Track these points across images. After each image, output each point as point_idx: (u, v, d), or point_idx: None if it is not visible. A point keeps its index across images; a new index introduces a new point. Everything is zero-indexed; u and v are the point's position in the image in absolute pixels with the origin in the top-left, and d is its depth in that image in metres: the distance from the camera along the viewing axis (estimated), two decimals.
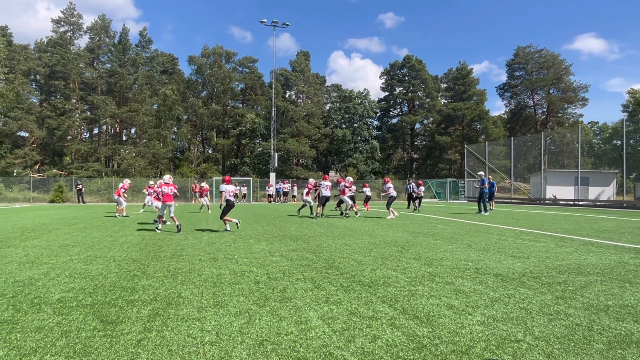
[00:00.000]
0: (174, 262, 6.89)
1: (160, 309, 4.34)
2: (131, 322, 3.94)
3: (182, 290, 5.08)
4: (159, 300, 4.66)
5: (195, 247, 8.66)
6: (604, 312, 4.26)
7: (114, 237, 10.17)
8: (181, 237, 10.20)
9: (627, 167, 27.55)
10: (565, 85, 56.06)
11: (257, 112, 57.45)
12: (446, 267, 6.56)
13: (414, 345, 3.38)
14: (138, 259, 7.18)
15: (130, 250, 8.24)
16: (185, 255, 7.64)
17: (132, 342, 3.45)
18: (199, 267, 6.48)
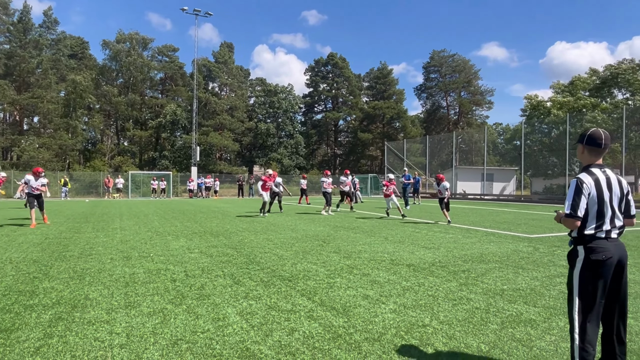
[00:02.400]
0: (82, 262, 6.42)
1: (63, 313, 4.03)
2: (29, 329, 3.62)
3: (90, 292, 4.76)
4: (63, 304, 4.32)
5: (106, 245, 8.13)
6: (500, 295, 4.71)
7: (11, 237, 9.22)
8: (91, 235, 9.51)
9: (524, 165, 30.52)
10: (474, 88, 60.71)
11: (178, 103, 54.95)
12: (364, 259, 6.83)
13: (329, 336, 3.49)
14: (39, 260, 6.59)
15: (30, 250, 7.53)
16: (95, 254, 7.15)
17: (29, 350, 3.17)
18: (109, 267, 6.10)
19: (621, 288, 2.69)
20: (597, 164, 2.71)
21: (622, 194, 2.67)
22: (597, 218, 2.64)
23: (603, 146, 2.67)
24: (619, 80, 33.12)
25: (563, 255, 7.16)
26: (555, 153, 31.99)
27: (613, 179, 2.67)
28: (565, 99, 32.10)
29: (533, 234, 10.21)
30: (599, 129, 2.75)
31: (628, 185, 2.75)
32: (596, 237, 2.64)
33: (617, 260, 2.61)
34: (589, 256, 2.64)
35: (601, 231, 2.64)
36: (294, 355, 3.09)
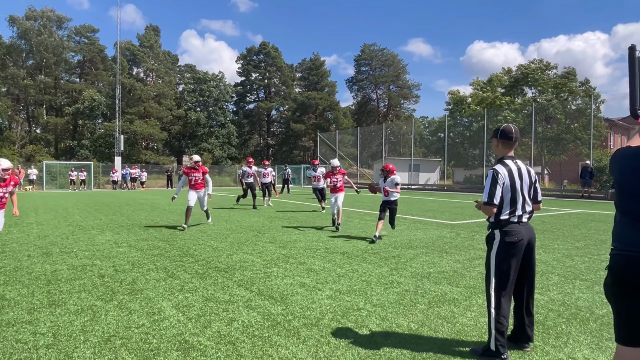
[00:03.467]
0: None
1: None
2: None
3: (7, 292, 4.41)
4: None
5: (21, 241, 7.51)
6: (427, 278, 5.05)
7: None
8: (2, 232, 8.70)
9: (447, 156, 32.44)
10: (402, 82, 63.13)
11: (99, 88, 51.22)
12: (299, 248, 6.95)
13: (268, 324, 3.56)
14: None
15: None
16: (9, 251, 6.59)
17: None
18: (27, 264, 5.67)
19: (530, 267, 3.03)
20: (509, 155, 3.02)
21: (531, 182, 3.00)
22: (510, 205, 2.94)
23: (514, 139, 2.98)
24: (529, 79, 36.15)
25: (482, 240, 7.79)
26: (474, 145, 34.32)
27: (523, 169, 2.99)
28: (485, 95, 34.51)
29: (455, 220, 10.96)
30: (510, 124, 3.07)
31: (535, 174, 3.09)
32: (510, 221, 2.95)
33: (527, 242, 2.94)
34: (504, 239, 2.94)
35: (514, 216, 2.95)
36: (234, 345, 3.12)
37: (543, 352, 3.01)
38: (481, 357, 2.90)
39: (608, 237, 8.11)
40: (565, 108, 31.34)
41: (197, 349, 3.04)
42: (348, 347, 3.07)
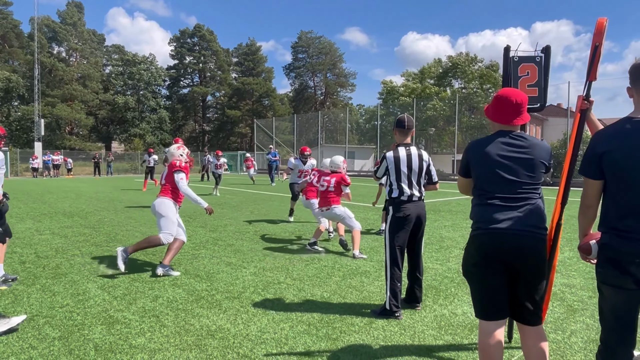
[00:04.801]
0: None
1: None
2: None
3: None
4: None
5: None
6: (344, 255, 5.53)
7: None
8: None
9: (381, 144, 33.71)
10: (339, 71, 64.10)
11: (13, 67, 47.03)
12: (229, 232, 7.18)
13: (192, 298, 3.81)
14: None
15: None
16: None
17: None
18: None
19: (419, 238, 3.55)
20: (404, 142, 3.49)
21: (421, 166, 3.48)
22: (398, 185, 3.43)
23: (406, 127, 3.45)
24: (457, 70, 38.41)
25: None
26: None
27: (414, 154, 3.46)
28: (415, 85, 36.24)
29: (380, 204, 11.66)
30: (405, 114, 3.54)
31: (429, 158, 3.59)
32: (400, 199, 3.43)
33: (415, 217, 3.44)
34: (395, 214, 3.43)
35: (403, 195, 3.43)
36: (157, 317, 3.36)
37: (431, 309, 3.55)
38: (378, 316, 3.37)
39: None
40: (488, 98, 33.70)
41: (121, 323, 3.24)
42: (264, 314, 3.42)
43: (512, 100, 2.10)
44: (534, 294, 2.07)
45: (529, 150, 2.06)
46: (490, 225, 2.06)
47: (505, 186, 2.03)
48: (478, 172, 2.14)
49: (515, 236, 2.00)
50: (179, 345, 2.86)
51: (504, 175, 2.03)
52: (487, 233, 2.07)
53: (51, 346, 2.85)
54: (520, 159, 2.04)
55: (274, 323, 3.24)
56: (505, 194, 2.03)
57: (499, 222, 2.02)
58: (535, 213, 2.04)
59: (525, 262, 2.01)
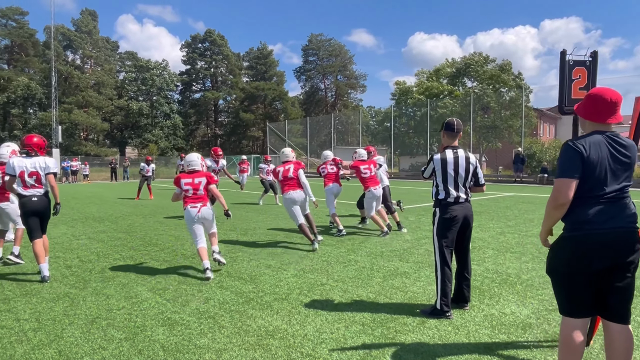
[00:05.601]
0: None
1: None
2: None
3: None
4: None
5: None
6: (380, 256, 5.59)
7: None
8: None
9: (394, 145, 33.70)
10: (350, 72, 64.22)
11: (30, 76, 47.88)
12: (260, 234, 7.29)
13: (242, 300, 3.91)
14: None
15: None
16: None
17: None
18: None
19: (466, 239, 3.60)
20: (451, 145, 3.55)
21: (469, 169, 3.53)
22: (444, 187, 3.50)
23: (456, 131, 3.51)
24: (470, 70, 38.24)
25: (427, 222, 8.50)
26: (419, 134, 35.88)
27: (462, 157, 3.52)
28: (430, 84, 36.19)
29: (403, 205, 11.69)
30: (454, 118, 3.60)
31: (476, 161, 3.65)
32: (447, 201, 3.50)
33: (462, 218, 3.50)
34: (442, 216, 3.49)
35: (450, 197, 3.49)
36: (214, 319, 3.46)
37: (479, 309, 3.60)
38: (429, 315, 3.44)
39: (535, 217, 9.12)
40: (499, 98, 33.52)
41: (180, 324, 3.35)
42: (317, 315, 3.51)
43: (607, 99, 2.10)
44: (629, 291, 2.11)
45: (630, 151, 2.11)
46: (596, 226, 2.06)
47: (611, 186, 2.06)
48: (590, 172, 2.06)
49: (619, 234, 2.05)
50: (243, 345, 2.95)
51: (612, 176, 2.06)
52: (592, 234, 2.07)
53: (120, 347, 2.96)
54: (622, 160, 2.08)
55: (329, 323, 3.32)
56: (611, 193, 2.06)
57: (606, 222, 2.05)
58: (633, 211, 2.09)
59: (625, 259, 2.05)
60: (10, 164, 4.60)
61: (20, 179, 4.57)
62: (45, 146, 4.92)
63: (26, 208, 4.60)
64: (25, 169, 4.58)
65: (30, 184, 4.60)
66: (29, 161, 4.63)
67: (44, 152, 4.84)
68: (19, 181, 4.58)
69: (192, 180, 4.91)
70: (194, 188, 4.90)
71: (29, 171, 4.59)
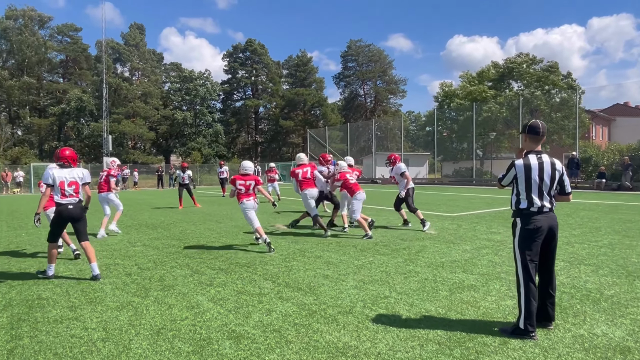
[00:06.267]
0: (15, 262, 5.99)
1: (22, 314, 3.85)
2: None
3: (41, 292, 4.54)
4: (15, 306, 4.10)
5: (34, 243, 7.57)
6: (441, 267, 5.32)
7: None
8: (10, 234, 8.75)
9: (438, 149, 32.91)
10: (389, 78, 63.65)
11: (83, 88, 50.50)
12: (311, 243, 7.16)
13: (305, 312, 3.77)
14: None
15: None
16: (27, 253, 6.66)
17: (1, 353, 3.05)
18: None
19: (551, 251, 3.30)
20: (535, 150, 3.27)
21: (554, 176, 3.24)
22: (527, 195, 3.22)
23: (541, 134, 3.23)
24: (514, 72, 36.91)
25: (483, 230, 8.10)
26: (462, 139, 34.88)
27: (547, 163, 3.23)
28: (474, 88, 35.17)
29: (453, 212, 11.28)
30: (537, 120, 3.31)
31: (563, 167, 3.34)
32: (529, 210, 3.22)
33: (547, 229, 3.20)
34: (523, 226, 3.22)
35: (533, 206, 3.21)
36: (279, 332, 3.33)
37: (565, 329, 3.28)
38: (511, 335, 3.16)
39: (602, 225, 8.51)
40: (549, 100, 32.07)
41: (246, 337, 3.24)
42: (387, 331, 3.31)
43: None
44: None
45: None
46: None
47: None
48: None
49: None
50: None
51: None
52: None
53: None
54: None
55: (401, 341, 3.12)
56: None
57: None
58: None
59: None
60: (49, 175, 4.95)
61: (60, 188, 4.92)
62: (77, 158, 5.33)
63: (63, 215, 4.95)
64: (65, 179, 4.96)
65: (69, 193, 4.97)
66: (67, 172, 5.02)
67: (76, 164, 5.28)
68: (58, 190, 4.92)
69: (245, 182, 6.57)
70: (245, 187, 6.56)
71: (69, 181, 4.98)
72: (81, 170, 5.17)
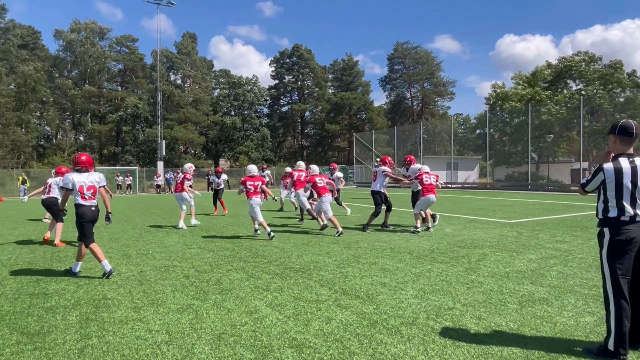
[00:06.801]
0: (81, 262, 6.23)
1: (89, 313, 3.97)
2: (61, 331, 3.55)
3: (106, 292, 4.68)
4: (84, 305, 4.24)
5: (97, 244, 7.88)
6: (506, 277, 5.01)
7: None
8: (74, 235, 9.18)
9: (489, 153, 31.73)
10: (437, 80, 62.23)
11: (139, 96, 53.08)
12: (364, 248, 7.01)
13: (366, 322, 3.63)
14: (33, 262, 6.36)
15: (21, 252, 7.22)
16: (90, 254, 6.94)
17: (73, 352, 3.13)
18: (112, 266, 5.96)
19: None
20: (626, 153, 2.96)
21: None
22: (618, 203, 2.91)
23: (634, 135, 2.91)
24: (573, 72, 34.94)
25: (547, 239, 7.62)
26: (516, 142, 33.41)
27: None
28: (525, 91, 33.59)
29: (511, 219, 10.74)
30: (629, 120, 2.99)
31: None
32: (620, 220, 2.91)
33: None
34: (613, 237, 2.91)
35: (624, 215, 2.90)
36: (342, 342, 3.21)
37: None
38: (597, 357, 2.87)
39: None
40: (613, 100, 30.10)
41: (308, 347, 3.15)
42: (456, 346, 3.11)
43: None
44: None
45: None
46: None
47: None
48: None
49: None
50: None
51: None
52: None
53: None
54: None
55: (474, 358, 2.91)
56: None
57: None
58: None
59: None
60: (69, 180, 5.29)
61: (80, 192, 5.27)
62: (93, 163, 5.70)
63: (87, 216, 5.30)
64: (83, 183, 5.30)
65: (88, 196, 5.33)
66: (85, 176, 5.36)
67: (93, 168, 5.62)
68: (78, 193, 5.27)
69: (253, 182, 8.28)
70: (254, 187, 8.25)
71: (87, 185, 5.33)
72: (97, 174, 5.53)
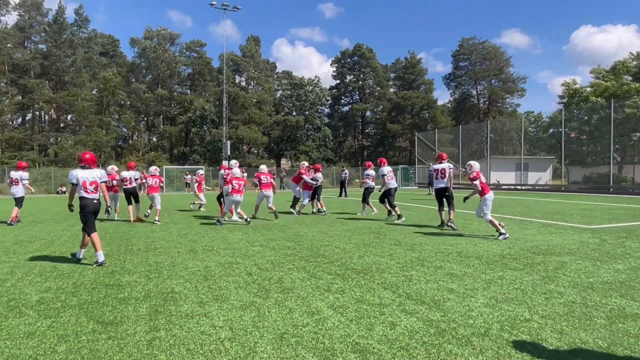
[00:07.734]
0: (152, 256, 6.54)
1: (158, 306, 4.10)
2: (132, 322, 3.69)
3: (174, 286, 4.84)
4: (153, 297, 4.40)
5: (166, 239, 8.28)
6: (591, 289, 4.54)
7: (73, 232, 9.50)
8: (147, 230, 9.72)
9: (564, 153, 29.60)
10: (506, 76, 59.11)
11: (206, 98, 55.58)
12: (429, 251, 6.73)
13: (433, 330, 3.43)
14: (110, 254, 6.76)
15: None
16: (161, 248, 7.28)
17: (142, 343, 3.23)
18: (180, 260, 6.20)
19: None
20: None
21: None
22: None
23: None
24: None
25: (636, 247, 6.89)
26: (595, 141, 30.87)
27: None
28: (609, 84, 30.88)
29: (592, 224, 9.87)
30: None
31: None
32: None
33: None
34: None
35: None
36: (407, 350, 3.05)
37: None
38: None
39: None
40: None
41: (372, 353, 3.02)
42: None
43: None
44: None
45: None
46: None
47: None
48: None
49: None
50: None
51: None
52: None
53: None
54: None
55: None
56: None
57: None
58: None
59: None
60: (74, 175, 5.84)
61: (83, 186, 5.84)
62: (96, 160, 6.30)
63: (89, 208, 5.88)
64: (86, 179, 5.88)
65: (91, 190, 5.91)
66: (88, 173, 5.94)
67: (96, 165, 6.17)
68: (81, 188, 5.84)
69: (266, 177, 10.96)
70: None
71: (90, 180, 5.91)
72: (99, 170, 6.12)
